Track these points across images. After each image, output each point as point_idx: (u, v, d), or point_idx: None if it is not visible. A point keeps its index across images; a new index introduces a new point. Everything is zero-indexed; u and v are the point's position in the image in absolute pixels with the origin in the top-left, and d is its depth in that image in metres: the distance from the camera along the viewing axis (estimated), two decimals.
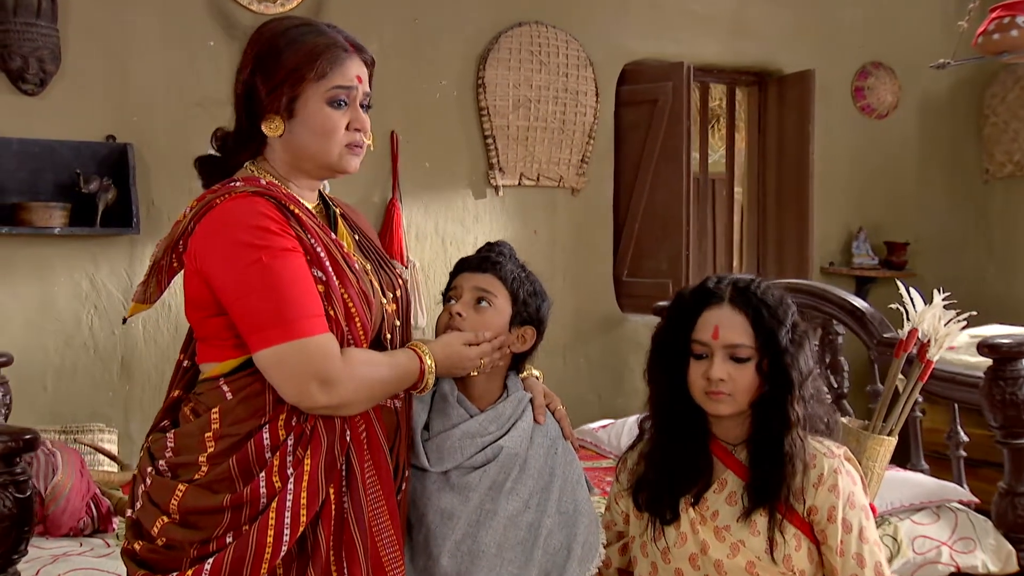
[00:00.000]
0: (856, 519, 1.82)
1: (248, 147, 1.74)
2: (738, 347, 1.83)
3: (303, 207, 1.69)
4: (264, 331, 1.57)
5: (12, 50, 3.62)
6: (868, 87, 5.52)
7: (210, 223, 1.63)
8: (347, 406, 1.63)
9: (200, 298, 1.66)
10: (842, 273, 5.39)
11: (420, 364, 1.73)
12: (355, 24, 4.25)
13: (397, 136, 4.35)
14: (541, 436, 1.91)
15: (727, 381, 1.82)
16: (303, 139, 1.68)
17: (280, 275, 1.57)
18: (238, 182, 1.67)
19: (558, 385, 4.81)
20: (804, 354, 1.86)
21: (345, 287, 1.65)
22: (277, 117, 1.67)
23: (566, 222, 4.80)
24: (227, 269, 1.60)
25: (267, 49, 1.68)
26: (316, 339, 1.58)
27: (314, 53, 1.66)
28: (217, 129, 1.79)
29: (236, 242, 1.59)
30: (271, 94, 1.66)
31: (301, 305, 1.58)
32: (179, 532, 1.61)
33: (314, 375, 1.57)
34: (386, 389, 1.70)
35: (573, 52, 4.69)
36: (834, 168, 5.39)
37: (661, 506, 1.91)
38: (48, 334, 3.76)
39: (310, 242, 1.64)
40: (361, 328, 1.67)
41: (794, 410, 1.83)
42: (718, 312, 1.86)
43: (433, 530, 1.81)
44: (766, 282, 1.93)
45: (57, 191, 3.71)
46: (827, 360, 3.50)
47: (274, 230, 1.60)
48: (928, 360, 2.16)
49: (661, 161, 4.76)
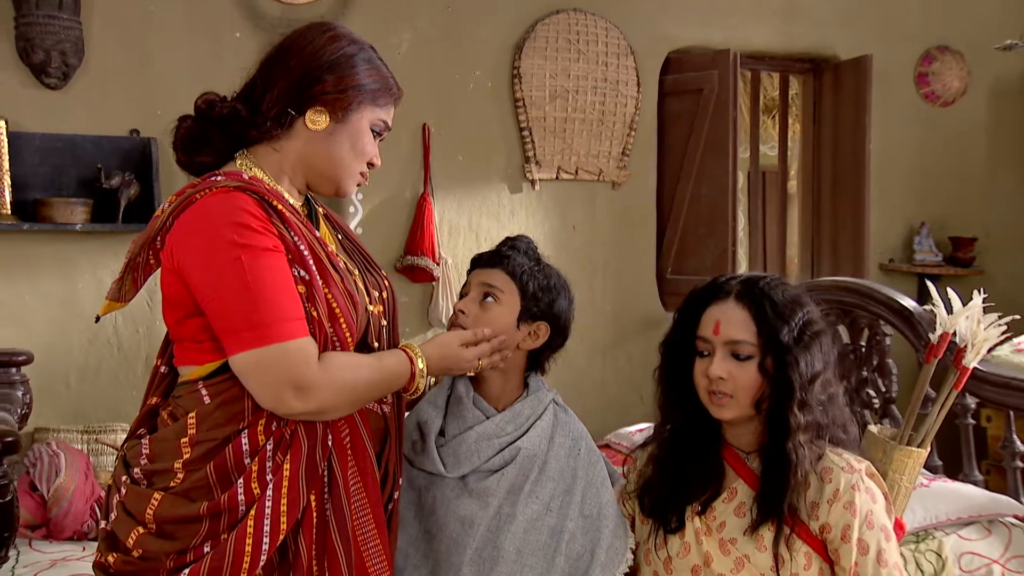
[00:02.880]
0: (874, 540, 1.68)
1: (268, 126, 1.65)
2: (739, 343, 1.73)
3: (287, 204, 1.64)
4: (239, 334, 1.52)
5: (35, 43, 3.58)
6: (933, 72, 5.23)
7: (189, 219, 1.57)
8: (326, 412, 1.57)
9: (177, 298, 1.60)
10: (902, 270, 5.11)
11: (411, 366, 1.67)
12: (388, 12, 4.17)
13: (429, 128, 4.22)
14: (562, 436, 1.85)
15: (727, 380, 1.72)
16: (339, 147, 1.68)
17: (259, 276, 1.52)
18: (220, 176, 1.61)
19: (599, 386, 4.66)
20: (811, 355, 1.73)
21: (329, 286, 1.61)
22: (327, 114, 1.66)
23: (606, 217, 4.62)
24: (204, 267, 1.54)
25: (345, 53, 1.68)
26: (292, 343, 1.52)
27: (385, 83, 1.73)
28: (208, 92, 1.70)
29: (215, 239, 1.53)
30: (343, 92, 1.65)
31: (278, 308, 1.52)
32: (155, 543, 1.56)
33: (289, 381, 1.51)
34: (371, 392, 1.64)
35: (613, 40, 4.50)
36: (895, 159, 5.11)
37: (666, 513, 1.82)
38: (71, 332, 3.72)
39: (293, 240, 1.59)
40: (347, 328, 1.62)
41: (795, 415, 1.70)
42: (722, 307, 1.77)
43: (455, 538, 1.74)
44: (779, 279, 1.82)
45: (79, 186, 3.66)
46: (874, 362, 3.28)
47: (255, 228, 1.55)
48: (964, 367, 1.96)
49: (707, 153, 4.55)
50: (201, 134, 1.68)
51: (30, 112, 3.63)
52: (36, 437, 3.51)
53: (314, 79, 1.65)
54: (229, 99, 1.69)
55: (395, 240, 4.21)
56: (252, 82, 1.69)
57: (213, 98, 1.68)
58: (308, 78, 1.65)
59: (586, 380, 4.53)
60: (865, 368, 3.28)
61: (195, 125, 1.68)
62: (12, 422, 2.73)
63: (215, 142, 1.68)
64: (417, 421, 1.85)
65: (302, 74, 1.65)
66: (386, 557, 1.64)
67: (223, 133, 1.67)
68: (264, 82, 1.67)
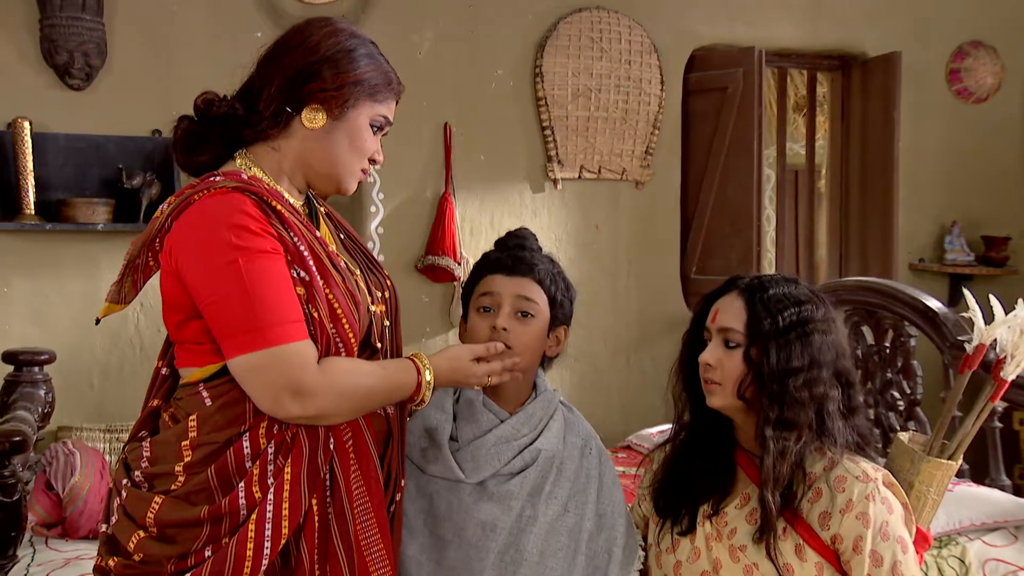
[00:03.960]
0: (889, 552, 1.63)
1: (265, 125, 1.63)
2: (729, 331, 1.73)
3: (287, 203, 1.61)
4: (237, 337, 1.49)
5: (58, 45, 3.61)
6: (965, 69, 5.13)
7: (187, 221, 1.55)
8: (326, 416, 1.55)
9: (177, 300, 1.58)
10: (932, 270, 5.01)
11: (417, 376, 1.63)
12: (409, 10, 4.16)
13: (450, 128, 4.21)
14: (572, 436, 1.83)
15: (715, 368, 1.72)
16: (338, 145, 1.65)
17: (257, 278, 1.49)
18: (219, 176, 1.59)
19: (622, 387, 4.62)
20: (792, 349, 1.69)
21: (330, 287, 1.57)
22: (324, 111, 1.62)
23: (630, 217, 4.58)
24: (202, 270, 1.52)
25: (343, 47, 1.63)
26: (290, 347, 1.49)
27: (385, 78, 1.67)
28: (207, 92, 1.67)
29: (212, 241, 1.51)
30: (338, 89, 1.61)
31: (277, 311, 1.49)
32: (156, 547, 1.53)
33: (286, 385, 1.48)
34: (373, 399, 1.61)
35: (637, 38, 4.46)
36: (926, 157, 5.03)
37: (678, 514, 1.79)
38: (94, 332, 3.74)
39: (292, 240, 1.56)
40: (350, 329, 1.58)
41: (764, 405, 1.68)
42: (725, 299, 1.78)
43: (475, 543, 1.71)
44: (794, 279, 1.80)
45: (102, 186, 3.69)
46: (899, 364, 3.21)
47: (253, 229, 1.52)
48: (1002, 379, 1.88)
49: (731, 152, 4.50)
50: (200, 134, 1.66)
51: (54, 113, 3.66)
52: (60, 436, 3.54)
53: (310, 75, 1.60)
54: (229, 98, 1.65)
55: (416, 240, 4.20)
56: (250, 80, 1.65)
57: (212, 97, 1.65)
58: (304, 75, 1.60)
59: (609, 381, 4.50)
60: (889, 370, 3.22)
61: (193, 125, 1.66)
62: (32, 421, 2.75)
63: (213, 142, 1.65)
64: (425, 427, 1.81)
65: (297, 71, 1.61)
66: (389, 560, 1.62)
67: (221, 133, 1.64)
68: (261, 80, 1.63)
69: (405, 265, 4.17)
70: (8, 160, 3.54)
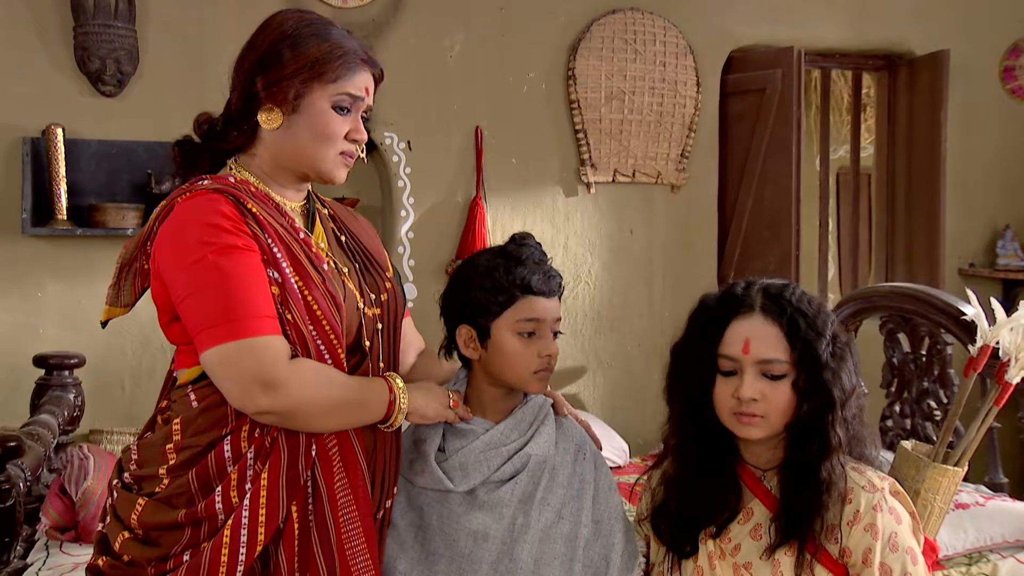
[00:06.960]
0: (898, 564, 1.57)
1: (233, 136, 1.64)
2: (772, 363, 1.62)
3: (269, 205, 1.60)
4: (208, 330, 1.48)
5: (91, 52, 3.65)
6: (1020, 66, 4.95)
7: (168, 224, 1.56)
8: (294, 414, 1.50)
9: (162, 302, 1.59)
10: (983, 275, 4.84)
11: (389, 394, 1.61)
12: (441, 13, 4.13)
13: (482, 131, 4.17)
14: (566, 441, 1.79)
15: (760, 401, 1.61)
16: (300, 138, 1.61)
17: (227, 273, 1.49)
18: (205, 180, 1.59)
19: (657, 395, 4.52)
20: (847, 369, 1.63)
21: (309, 288, 1.56)
22: (278, 109, 1.59)
23: (665, 221, 4.49)
24: (175, 268, 1.52)
25: (285, 38, 1.60)
26: (260, 340, 1.47)
27: (332, 54, 1.60)
28: (201, 114, 1.69)
29: (184, 240, 1.52)
30: (279, 83, 1.58)
31: (246, 304, 1.48)
32: (139, 548, 1.54)
33: (256, 377, 1.46)
34: (341, 408, 1.57)
35: (672, 39, 4.38)
36: (977, 158, 4.86)
37: (680, 539, 1.73)
38: (125, 336, 3.78)
39: (267, 242, 1.55)
40: (331, 331, 1.56)
41: (835, 433, 1.60)
42: (748, 323, 1.65)
43: (468, 554, 1.67)
44: (800, 288, 1.70)
45: (132, 192, 3.73)
46: (935, 373, 3.09)
47: (226, 227, 1.52)
48: (1006, 382, 1.81)
49: (770, 154, 4.39)
50: (193, 154, 1.68)
51: (87, 119, 3.71)
52: (91, 439, 3.57)
53: (255, 76, 1.59)
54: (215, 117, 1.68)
55: (447, 244, 4.17)
56: None
57: (201, 118, 1.68)
58: (251, 77, 1.60)
59: (644, 387, 4.40)
60: (926, 379, 3.10)
61: (182, 151, 1.68)
62: (54, 425, 2.76)
63: (200, 163, 1.67)
64: (413, 439, 1.79)
65: (247, 76, 1.61)
66: (375, 569, 1.59)
67: (208, 151, 1.67)
68: (230, 94, 1.65)
69: (435, 269, 4.14)
70: (42, 166, 3.60)
